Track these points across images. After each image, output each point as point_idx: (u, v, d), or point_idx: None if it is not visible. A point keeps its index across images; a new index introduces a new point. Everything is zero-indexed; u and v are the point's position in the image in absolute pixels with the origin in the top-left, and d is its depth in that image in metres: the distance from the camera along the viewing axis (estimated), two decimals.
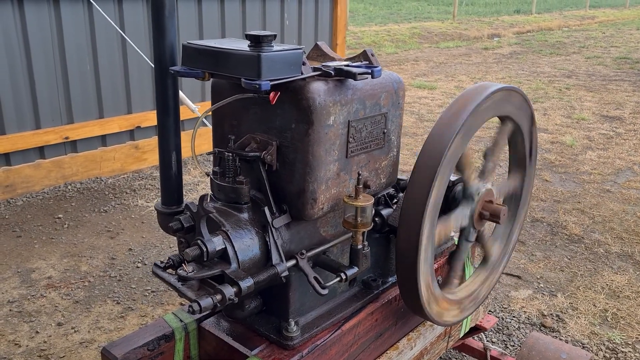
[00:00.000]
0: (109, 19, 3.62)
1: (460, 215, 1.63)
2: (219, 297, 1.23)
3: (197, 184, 4.60)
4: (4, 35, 3.85)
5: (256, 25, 5.30)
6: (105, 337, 2.69)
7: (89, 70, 4.34)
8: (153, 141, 4.84)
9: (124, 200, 4.24)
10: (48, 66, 4.12)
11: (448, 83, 9.23)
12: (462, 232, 1.69)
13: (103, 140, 4.58)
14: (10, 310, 2.89)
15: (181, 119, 1.59)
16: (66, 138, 4.30)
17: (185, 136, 2.45)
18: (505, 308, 3.06)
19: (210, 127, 2.21)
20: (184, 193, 1.71)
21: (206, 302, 1.22)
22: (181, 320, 1.62)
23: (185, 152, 2.08)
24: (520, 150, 1.84)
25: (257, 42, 1.29)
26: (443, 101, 7.90)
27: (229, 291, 1.24)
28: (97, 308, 2.92)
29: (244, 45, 1.34)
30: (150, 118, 4.76)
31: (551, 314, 3.01)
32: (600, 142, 6.05)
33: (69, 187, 4.36)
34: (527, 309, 3.05)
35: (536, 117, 3.68)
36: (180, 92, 1.59)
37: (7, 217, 3.88)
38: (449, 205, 1.69)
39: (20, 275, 3.20)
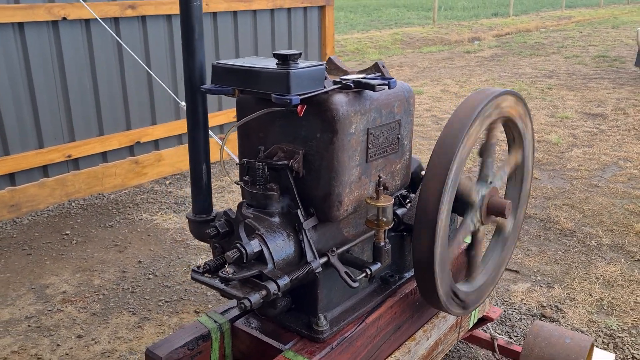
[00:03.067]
0: (137, 58, 3.76)
1: (468, 225, 1.75)
2: (264, 292, 1.35)
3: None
4: (6, 58, 3.94)
5: (248, 37, 5.43)
6: (126, 347, 2.78)
7: (89, 88, 4.44)
8: (152, 156, 4.94)
9: (128, 214, 4.33)
10: (49, 87, 4.20)
11: (434, 87, 9.43)
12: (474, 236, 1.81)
13: (104, 156, 4.66)
14: (29, 325, 2.97)
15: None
16: (69, 156, 4.39)
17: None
18: (507, 301, 3.20)
19: (216, 139, 2.32)
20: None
21: (255, 297, 1.33)
22: (215, 321, 1.73)
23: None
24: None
25: (285, 60, 1.41)
26: (431, 105, 8.08)
27: (273, 287, 1.36)
28: (114, 319, 3.01)
29: (271, 64, 1.46)
30: (149, 133, 4.86)
31: (550, 305, 3.15)
32: (585, 139, 6.25)
33: (73, 204, 4.44)
34: (527, 301, 3.19)
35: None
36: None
37: (14, 235, 3.95)
38: (457, 202, 1.82)
39: (34, 292, 3.28)
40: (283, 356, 1.57)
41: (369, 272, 1.55)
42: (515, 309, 3.13)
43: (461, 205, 1.72)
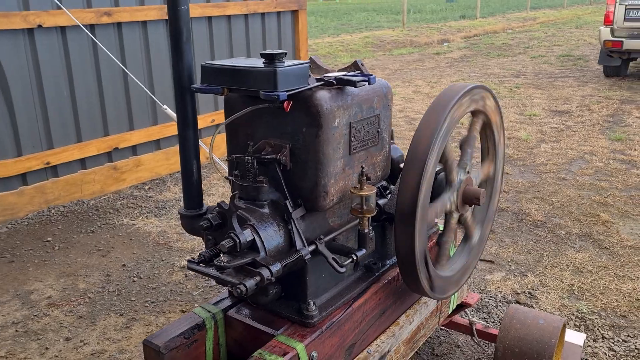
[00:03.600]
0: (117, 61, 3.80)
1: (446, 200, 1.87)
2: (258, 278, 1.44)
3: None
4: None
5: (223, 41, 5.50)
6: (115, 347, 2.82)
7: (66, 96, 4.45)
8: (131, 161, 4.97)
9: (109, 220, 4.35)
10: (26, 94, 4.21)
11: (406, 89, 9.60)
12: (447, 216, 1.93)
13: (82, 163, 4.68)
14: (16, 331, 2.99)
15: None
16: (47, 163, 4.39)
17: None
18: (483, 290, 3.33)
19: (202, 146, 2.42)
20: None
21: (250, 283, 1.42)
22: (209, 312, 1.80)
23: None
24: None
25: (271, 59, 1.50)
26: (403, 106, 8.24)
27: (266, 272, 1.45)
28: (101, 321, 3.05)
29: (258, 63, 1.55)
30: (127, 139, 4.89)
31: (524, 292, 3.30)
32: (553, 135, 6.47)
33: (53, 211, 4.44)
34: (502, 289, 3.33)
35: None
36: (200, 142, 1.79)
37: None
38: (434, 191, 1.93)
39: (19, 298, 3.29)
40: (276, 340, 1.65)
41: (354, 258, 1.65)
42: (491, 296, 3.26)
43: (438, 187, 1.85)
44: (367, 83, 1.62)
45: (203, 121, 5.38)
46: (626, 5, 9.01)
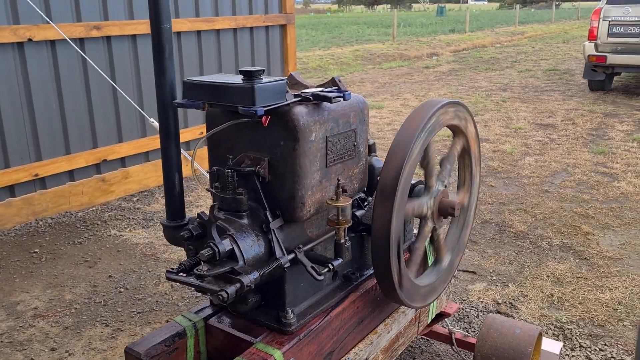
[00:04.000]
0: (104, 75, 3.85)
1: (423, 202, 1.94)
2: (238, 285, 1.49)
3: None
4: None
5: (212, 55, 5.57)
6: (100, 357, 2.85)
7: (55, 108, 4.50)
8: (119, 173, 5.01)
9: (97, 231, 4.38)
10: (15, 107, 4.25)
11: (394, 102, 9.72)
12: (422, 222, 1.99)
13: (71, 175, 4.71)
14: (1, 341, 3.00)
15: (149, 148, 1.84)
16: (35, 175, 4.42)
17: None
18: (465, 300, 3.39)
19: (185, 155, 2.48)
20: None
21: (231, 289, 1.47)
22: (190, 320, 1.85)
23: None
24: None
25: (250, 76, 1.57)
26: (391, 119, 8.34)
27: (246, 279, 1.50)
28: (87, 332, 3.08)
29: (237, 79, 1.62)
30: (115, 151, 4.93)
31: (505, 302, 3.36)
32: (537, 148, 6.58)
33: (40, 222, 4.47)
34: (484, 299, 3.39)
35: (478, 127, 4.11)
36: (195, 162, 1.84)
37: None
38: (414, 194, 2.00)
39: (5, 309, 3.31)
40: (254, 348, 1.70)
41: (331, 267, 1.71)
42: (472, 306, 3.32)
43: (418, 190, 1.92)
44: (342, 99, 1.69)
45: (191, 134, 5.44)
46: (609, 21, 9.20)
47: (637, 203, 4.81)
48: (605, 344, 2.93)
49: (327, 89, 1.78)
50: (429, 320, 2.55)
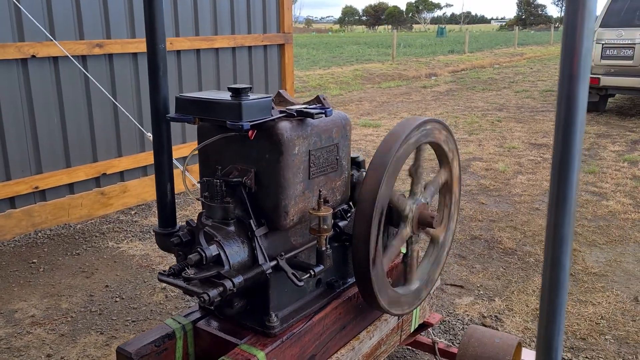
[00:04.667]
0: (104, 91, 3.98)
1: (403, 236, 2.04)
2: (221, 288, 1.59)
3: None
4: None
5: (211, 73, 5.72)
6: None
7: (56, 123, 4.63)
8: (118, 187, 5.12)
9: (95, 243, 4.48)
10: (17, 121, 4.38)
11: (391, 120, 9.86)
12: (401, 225, 2.10)
13: (70, 188, 4.82)
14: None
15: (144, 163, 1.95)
16: (36, 188, 4.54)
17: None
18: (451, 313, 3.48)
19: (177, 165, 2.59)
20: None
21: (213, 292, 1.57)
22: (179, 323, 1.95)
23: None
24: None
25: (237, 93, 1.69)
26: None
27: (229, 284, 1.60)
28: (82, 339, 3.16)
29: (226, 96, 1.74)
30: (115, 165, 5.05)
31: (490, 315, 3.44)
32: (529, 167, 6.69)
33: (39, 234, 4.57)
34: (470, 312, 3.48)
35: (469, 144, 4.20)
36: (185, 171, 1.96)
37: None
38: (392, 217, 2.11)
39: (3, 316, 3.40)
40: (239, 348, 1.80)
41: (312, 273, 1.81)
42: (458, 319, 3.40)
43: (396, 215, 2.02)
44: (324, 115, 1.80)
45: (188, 149, 5.56)
46: (603, 43, 9.38)
47: (624, 221, 4.91)
48: (586, 357, 3.01)
49: (311, 106, 1.89)
50: (412, 330, 2.64)
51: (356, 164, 2.26)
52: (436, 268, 2.35)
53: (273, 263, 1.79)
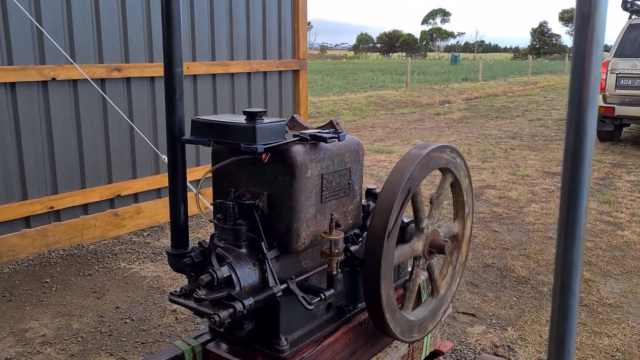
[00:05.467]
0: (122, 113, 4.06)
1: (415, 246, 2.04)
2: (231, 310, 1.59)
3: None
4: None
5: (226, 97, 5.80)
6: None
7: (73, 144, 4.70)
8: (132, 208, 5.16)
9: (107, 264, 4.51)
10: (36, 142, 4.46)
11: (404, 147, 9.88)
12: (414, 260, 2.10)
13: (85, 208, 4.87)
14: None
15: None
16: (51, 208, 4.59)
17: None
18: (463, 342, 3.44)
19: (191, 188, 2.62)
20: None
21: (224, 314, 1.58)
22: (189, 344, 1.95)
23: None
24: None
25: (252, 117, 1.72)
26: None
27: (239, 305, 1.61)
28: (92, 359, 3.17)
29: (241, 119, 1.77)
30: (129, 187, 5.10)
31: (503, 345, 3.40)
32: (543, 196, 6.65)
33: (53, 254, 4.61)
34: (482, 341, 3.43)
35: (483, 172, 4.19)
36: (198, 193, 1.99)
37: None
38: (404, 239, 2.11)
39: (14, 335, 3.42)
40: None
41: (323, 296, 1.81)
42: (470, 348, 3.36)
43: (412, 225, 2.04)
44: (337, 139, 1.82)
45: (202, 172, 5.60)
46: (617, 73, 9.38)
47: None
48: None
49: (324, 131, 1.92)
50: (423, 357, 2.61)
51: (372, 195, 2.28)
52: (431, 320, 2.29)
53: (284, 286, 1.80)
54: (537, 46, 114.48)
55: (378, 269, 1.82)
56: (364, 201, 2.21)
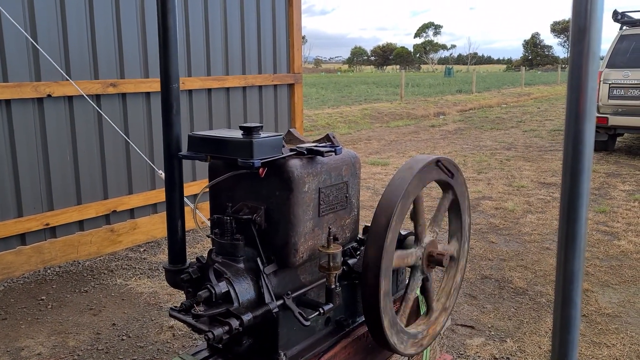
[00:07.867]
0: (118, 129, 4.05)
1: (413, 253, 2.04)
2: (227, 327, 1.58)
3: None
4: None
5: (221, 112, 5.80)
6: None
7: (69, 160, 4.69)
8: (128, 224, 5.14)
9: (103, 280, 4.48)
10: (31, 159, 4.45)
11: (400, 159, 9.90)
12: (413, 271, 2.09)
13: (80, 225, 4.85)
14: None
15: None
16: (46, 224, 4.57)
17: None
18: (462, 354, 3.42)
19: (188, 203, 2.61)
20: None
21: (218, 331, 1.56)
22: None
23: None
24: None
25: (249, 131, 1.72)
26: None
27: (235, 323, 1.60)
28: None
29: (238, 134, 1.77)
30: (125, 202, 5.08)
31: (502, 357, 3.38)
32: (539, 206, 6.66)
33: (49, 271, 4.58)
34: (481, 353, 3.42)
35: (478, 183, 4.19)
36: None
37: None
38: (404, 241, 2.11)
39: (10, 354, 3.38)
40: None
41: (321, 311, 1.80)
42: None
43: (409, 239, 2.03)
44: (334, 153, 1.83)
45: (198, 187, 5.59)
46: (610, 83, 9.45)
47: (637, 261, 4.85)
48: None
49: (321, 144, 1.92)
50: None
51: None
52: (430, 333, 2.28)
53: (280, 302, 1.78)
54: (530, 57, 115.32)
55: (377, 282, 1.82)
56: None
